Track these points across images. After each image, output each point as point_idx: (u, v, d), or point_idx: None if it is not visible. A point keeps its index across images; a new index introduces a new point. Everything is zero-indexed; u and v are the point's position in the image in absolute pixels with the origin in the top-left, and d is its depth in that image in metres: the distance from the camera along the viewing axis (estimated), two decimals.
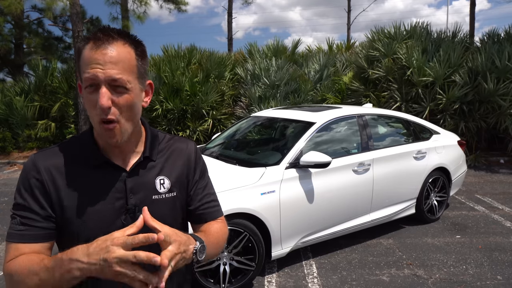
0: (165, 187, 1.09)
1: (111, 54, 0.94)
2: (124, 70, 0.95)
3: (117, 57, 0.95)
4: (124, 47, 0.96)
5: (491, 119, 7.75)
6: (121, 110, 0.96)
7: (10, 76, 14.76)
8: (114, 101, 0.95)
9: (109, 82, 0.93)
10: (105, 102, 0.92)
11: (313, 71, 9.83)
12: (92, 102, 0.95)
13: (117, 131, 0.97)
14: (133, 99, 0.98)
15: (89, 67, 0.93)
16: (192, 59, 10.29)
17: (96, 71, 0.93)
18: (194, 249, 0.95)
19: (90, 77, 0.93)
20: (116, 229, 1.00)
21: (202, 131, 9.28)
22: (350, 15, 21.78)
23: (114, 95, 0.95)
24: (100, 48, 0.94)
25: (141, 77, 1.01)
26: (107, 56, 0.93)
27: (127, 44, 0.98)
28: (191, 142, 1.23)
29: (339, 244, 4.02)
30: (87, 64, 0.94)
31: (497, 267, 3.52)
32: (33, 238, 0.98)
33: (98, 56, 0.93)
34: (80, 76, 0.99)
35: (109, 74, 0.93)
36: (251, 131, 5.10)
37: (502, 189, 6.23)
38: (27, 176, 1.00)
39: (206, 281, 3.02)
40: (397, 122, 4.65)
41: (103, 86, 0.93)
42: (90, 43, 0.95)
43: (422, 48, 8.33)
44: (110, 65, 0.93)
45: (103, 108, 0.93)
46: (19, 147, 10.14)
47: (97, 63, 0.93)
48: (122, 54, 0.96)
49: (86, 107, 0.99)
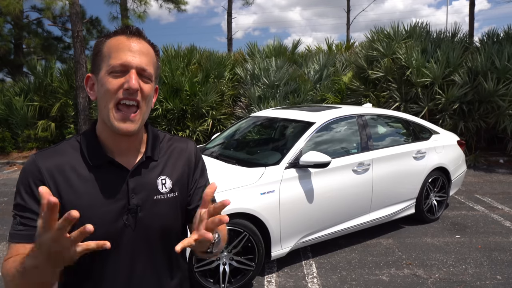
0: (166, 187, 1.09)
1: (143, 46, 0.99)
2: (150, 64, 1.00)
3: (147, 51, 1.00)
4: (148, 46, 1.02)
5: (490, 119, 7.76)
6: (143, 97, 0.99)
7: (10, 76, 14.75)
8: (140, 86, 0.97)
9: (139, 70, 0.97)
10: (135, 84, 0.95)
11: (313, 71, 9.83)
12: (115, 84, 0.96)
13: (136, 119, 0.99)
14: (152, 90, 1.03)
15: (122, 53, 0.96)
16: (191, 59, 10.29)
17: (130, 57, 0.95)
18: (214, 239, 0.97)
19: (122, 63, 0.95)
20: (117, 229, 1.01)
21: (202, 131, 9.28)
22: (350, 15, 21.79)
23: (141, 82, 0.98)
24: (133, 38, 0.98)
25: (156, 77, 1.06)
26: (140, 46, 0.98)
27: (149, 45, 1.03)
28: (191, 141, 1.22)
29: (339, 244, 4.03)
30: (119, 50, 0.96)
31: (496, 267, 3.52)
32: (32, 237, 0.97)
33: (132, 45, 0.97)
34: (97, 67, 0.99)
35: (140, 63, 0.97)
36: (251, 131, 5.10)
37: (502, 189, 6.23)
38: (27, 176, 1.00)
39: (206, 281, 3.02)
40: (397, 122, 4.66)
41: (134, 70, 0.96)
42: (118, 36, 0.99)
43: (422, 48, 8.34)
44: (142, 55, 0.98)
45: (133, 89, 0.95)
46: (19, 147, 10.14)
47: (130, 50, 0.96)
48: (150, 50, 1.02)
49: (104, 93, 0.97)
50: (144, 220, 1.04)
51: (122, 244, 1.02)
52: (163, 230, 1.08)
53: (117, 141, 1.04)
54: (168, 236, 1.10)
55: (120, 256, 1.02)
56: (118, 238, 1.01)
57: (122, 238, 1.02)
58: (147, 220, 1.04)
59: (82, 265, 1.02)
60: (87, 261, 1.02)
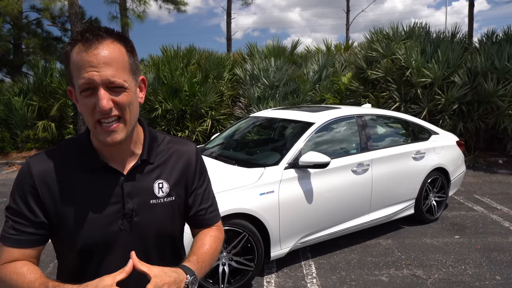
0: (163, 191, 1.07)
1: (104, 54, 0.90)
2: (118, 69, 0.92)
3: (110, 57, 0.91)
4: (114, 45, 0.93)
5: (490, 120, 7.76)
6: (121, 109, 0.94)
7: (9, 76, 14.75)
8: (114, 101, 0.92)
9: (106, 84, 0.90)
10: (105, 104, 0.90)
11: (312, 71, 9.83)
12: (89, 105, 0.92)
13: (120, 129, 0.95)
14: (131, 97, 0.96)
15: (83, 71, 0.89)
16: (191, 59, 10.29)
17: (92, 74, 0.89)
18: (186, 284, 0.95)
19: (86, 81, 0.90)
20: (112, 233, 1.00)
21: (201, 132, 9.28)
22: (349, 15, 21.83)
23: (112, 95, 0.92)
24: (91, 49, 0.90)
25: (134, 74, 0.99)
26: (100, 57, 0.90)
27: (116, 41, 0.94)
28: (192, 144, 1.20)
29: (338, 244, 4.03)
30: (80, 68, 0.90)
31: (495, 267, 3.52)
32: (23, 243, 0.98)
33: (91, 58, 0.89)
34: (71, 82, 0.94)
35: (105, 76, 0.90)
36: (250, 132, 5.10)
37: (501, 189, 6.23)
38: (21, 181, 1.00)
39: (205, 282, 3.01)
40: (396, 122, 4.66)
41: (101, 89, 0.90)
42: (78, 45, 0.91)
43: (421, 49, 8.34)
44: (105, 66, 0.90)
45: (104, 111, 0.90)
46: (18, 148, 10.13)
47: (90, 65, 0.89)
48: (114, 52, 0.92)
49: (83, 112, 0.95)
50: (140, 225, 1.03)
51: (118, 248, 1.01)
52: (159, 234, 1.07)
53: (109, 148, 1.02)
54: (164, 240, 1.09)
55: (115, 260, 1.01)
56: (113, 242, 1.01)
57: (117, 242, 1.01)
58: (142, 225, 1.03)
59: (77, 269, 1.02)
60: (82, 266, 1.02)
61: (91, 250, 1.00)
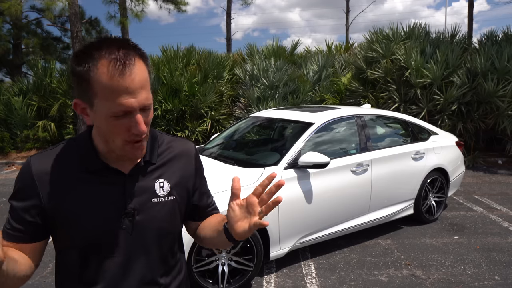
0: (164, 190, 1.08)
1: (139, 78, 0.88)
2: (148, 91, 0.92)
3: (144, 80, 0.90)
4: (140, 65, 0.90)
5: (489, 120, 7.77)
6: (147, 125, 0.96)
7: (8, 76, 14.75)
8: (145, 122, 0.93)
9: (141, 108, 0.91)
10: (144, 129, 0.91)
11: (312, 72, 9.84)
12: (121, 128, 0.91)
13: (144, 143, 0.97)
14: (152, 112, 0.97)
15: (120, 98, 0.86)
16: (191, 59, 10.29)
17: (130, 102, 0.87)
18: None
19: (125, 110, 0.88)
20: (114, 233, 1.01)
21: (201, 132, 9.28)
22: (349, 16, 21.84)
23: (143, 116, 0.93)
24: (126, 74, 0.86)
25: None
26: (136, 82, 0.87)
27: (139, 58, 0.91)
28: (191, 143, 1.22)
29: (338, 244, 4.03)
30: (114, 93, 0.86)
31: (495, 268, 3.53)
32: (17, 239, 0.99)
33: (128, 84, 0.86)
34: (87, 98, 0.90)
35: (141, 102, 0.89)
36: (250, 132, 5.10)
37: (500, 190, 6.24)
38: (21, 180, 1.00)
39: (205, 282, 3.02)
40: (396, 122, 4.66)
41: (139, 114, 0.90)
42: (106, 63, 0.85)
43: (421, 49, 8.35)
44: (141, 91, 0.89)
45: (142, 134, 0.92)
46: (18, 148, 10.13)
47: (127, 92, 0.86)
48: (144, 74, 0.91)
49: (109, 132, 0.92)
50: (141, 224, 1.03)
51: (119, 248, 1.02)
52: (160, 233, 1.07)
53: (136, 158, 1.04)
54: (165, 239, 1.09)
55: (117, 259, 1.01)
56: (114, 241, 1.01)
57: (118, 242, 1.01)
58: (144, 224, 1.04)
59: (78, 268, 1.02)
60: (83, 264, 1.02)
61: (92, 250, 1.01)
